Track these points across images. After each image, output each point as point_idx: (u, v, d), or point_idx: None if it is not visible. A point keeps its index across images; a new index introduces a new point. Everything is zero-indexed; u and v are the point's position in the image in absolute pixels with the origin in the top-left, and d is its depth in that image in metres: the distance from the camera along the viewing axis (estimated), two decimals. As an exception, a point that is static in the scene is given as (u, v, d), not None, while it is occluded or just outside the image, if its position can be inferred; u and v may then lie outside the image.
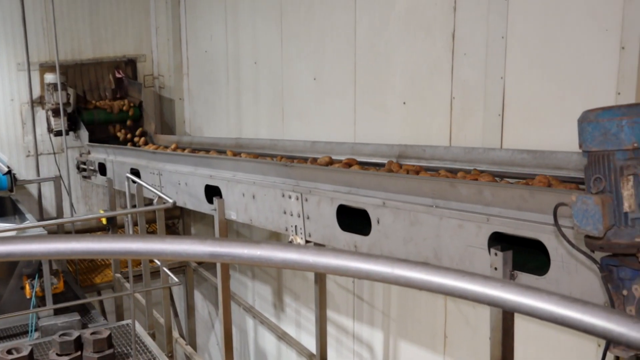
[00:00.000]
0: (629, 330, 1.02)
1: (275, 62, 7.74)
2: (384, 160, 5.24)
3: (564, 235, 2.40)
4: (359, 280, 6.64)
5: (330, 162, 5.15)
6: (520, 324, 4.10)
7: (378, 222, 4.01)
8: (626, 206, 2.12)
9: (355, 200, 4.21)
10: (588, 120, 2.17)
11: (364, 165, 5.12)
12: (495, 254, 3.20)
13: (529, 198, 3.06)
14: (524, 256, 3.36)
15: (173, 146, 7.94)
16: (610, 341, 1.07)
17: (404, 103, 5.83)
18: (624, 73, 3.92)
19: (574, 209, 2.19)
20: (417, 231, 3.75)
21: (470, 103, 5.15)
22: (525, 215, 3.08)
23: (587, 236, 2.23)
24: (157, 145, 9.14)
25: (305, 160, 5.88)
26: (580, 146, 2.23)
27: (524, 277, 3.19)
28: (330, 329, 6.88)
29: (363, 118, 6.39)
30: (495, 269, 3.20)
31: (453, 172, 4.53)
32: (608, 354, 2.53)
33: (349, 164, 4.93)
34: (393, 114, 5.97)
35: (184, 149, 7.91)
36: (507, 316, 3.23)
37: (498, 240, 3.32)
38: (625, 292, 2.24)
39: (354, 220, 4.37)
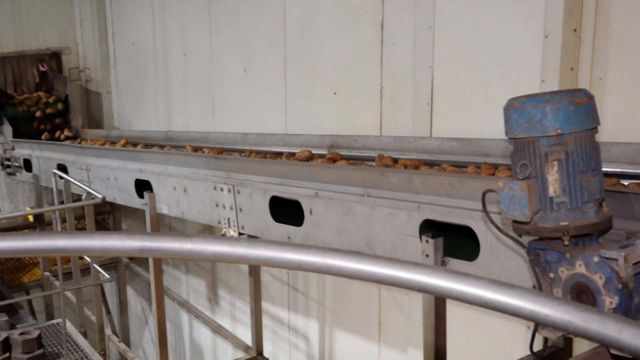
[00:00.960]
0: (555, 311, 1.05)
1: (204, 54, 7.66)
2: (316, 151, 5.25)
3: (492, 221, 2.44)
4: (294, 271, 6.64)
5: (310, 157, 4.99)
6: (453, 309, 4.17)
7: (311, 212, 4.02)
8: (551, 191, 2.17)
9: (287, 192, 4.21)
10: (513, 108, 2.21)
11: (349, 160, 4.95)
12: (427, 241, 3.24)
13: (458, 185, 3.10)
14: (455, 242, 3.41)
15: (123, 142, 7.68)
16: (538, 323, 1.09)
17: (335, 93, 5.84)
18: (547, 61, 4.02)
19: (501, 195, 2.23)
20: (349, 221, 3.76)
21: (399, 92, 5.19)
22: (455, 202, 3.13)
23: (515, 221, 2.28)
24: (87, 140, 8.95)
25: (239, 152, 5.85)
26: (507, 133, 2.27)
27: (455, 263, 3.24)
28: (266, 321, 6.87)
29: (294, 109, 6.39)
30: (427, 255, 3.24)
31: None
32: (537, 335, 2.59)
33: (332, 159, 4.80)
34: (324, 104, 5.98)
35: (114, 143, 7.76)
36: (439, 302, 3.28)
37: (429, 228, 3.37)
38: (552, 275, 2.30)
39: (287, 211, 4.37)
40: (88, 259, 6.95)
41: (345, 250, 1.27)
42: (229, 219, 4.72)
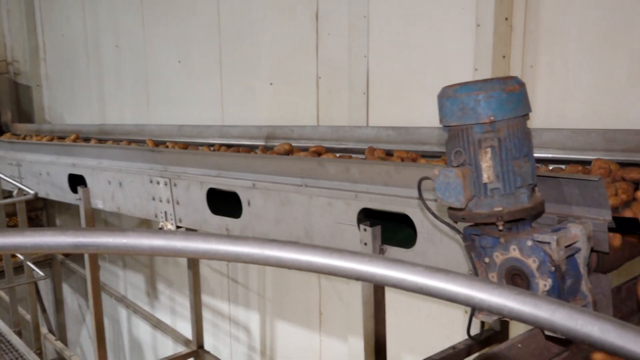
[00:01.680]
0: (490, 296, 1.06)
1: (138, 46, 7.54)
2: (253, 142, 5.22)
3: (428, 208, 2.47)
4: (233, 263, 6.61)
5: (290, 150, 4.68)
6: (392, 296, 4.21)
7: (249, 204, 4.00)
8: (485, 177, 2.20)
9: (225, 183, 4.18)
10: (447, 96, 2.23)
11: (337, 152, 4.66)
12: (365, 230, 3.26)
13: (394, 174, 3.13)
14: (393, 230, 3.44)
15: (73, 137, 7.42)
16: (474, 307, 1.11)
17: (271, 84, 5.82)
18: (480, 49, 4.07)
19: (436, 182, 2.25)
20: (288, 211, 3.76)
21: (336, 82, 5.21)
22: (392, 191, 3.15)
23: (450, 208, 2.30)
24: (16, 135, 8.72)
25: (174, 144, 5.77)
26: (441, 121, 2.29)
27: (392, 250, 3.27)
28: (206, 314, 6.83)
29: (231, 100, 6.34)
30: (365, 244, 3.26)
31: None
32: (474, 319, 2.64)
33: (317, 152, 4.54)
34: (260, 95, 5.96)
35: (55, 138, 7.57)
36: (377, 290, 3.30)
37: (367, 216, 3.39)
38: (487, 260, 2.34)
39: (225, 203, 4.34)
40: (21, 257, 6.79)
41: (282, 241, 1.27)
42: (165, 212, 4.66)
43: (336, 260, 1.21)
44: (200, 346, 6.21)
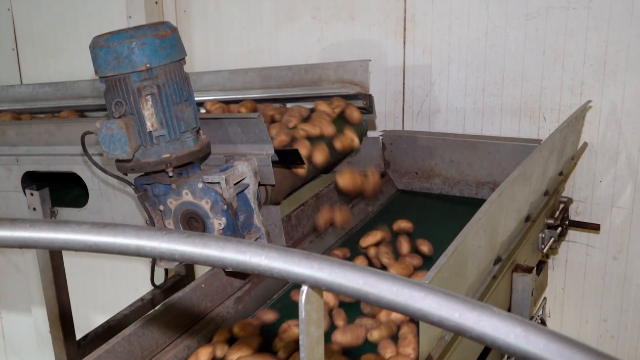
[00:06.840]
0: (160, 242, 1.06)
1: None
2: None
3: (95, 163, 2.39)
4: None
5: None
6: (74, 260, 4.08)
7: None
8: (149, 125, 2.18)
9: None
10: (99, 46, 2.15)
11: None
12: (32, 194, 3.08)
13: (56, 132, 2.97)
14: (65, 190, 3.31)
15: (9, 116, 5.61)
16: (147, 257, 1.11)
17: None
18: (131, -4, 4.01)
19: (100, 136, 2.18)
20: (-60, 186, 3.41)
21: (-22, 40, 4.79)
22: (56, 150, 3.00)
23: (118, 160, 2.25)
24: None
25: None
26: (97, 72, 2.20)
27: (65, 212, 3.14)
28: None
29: None
30: (34, 209, 3.09)
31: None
32: (157, 268, 2.65)
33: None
34: None
35: None
36: (54, 255, 3.15)
37: (34, 180, 3.20)
38: (162, 208, 2.34)
39: None
40: None
41: None
42: None
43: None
44: None
